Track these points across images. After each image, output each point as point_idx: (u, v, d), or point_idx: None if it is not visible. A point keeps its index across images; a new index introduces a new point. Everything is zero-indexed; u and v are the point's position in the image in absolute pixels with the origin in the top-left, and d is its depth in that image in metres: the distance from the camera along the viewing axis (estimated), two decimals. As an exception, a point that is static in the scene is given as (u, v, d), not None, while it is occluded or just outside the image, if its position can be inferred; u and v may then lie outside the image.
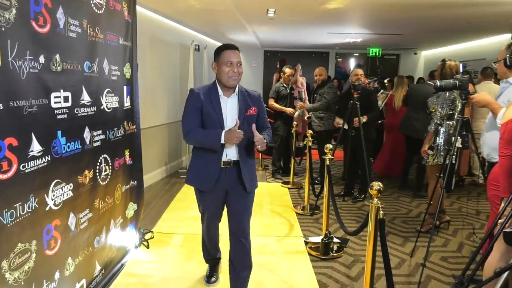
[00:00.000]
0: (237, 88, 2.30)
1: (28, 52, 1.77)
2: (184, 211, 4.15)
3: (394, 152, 5.53)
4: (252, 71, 10.69)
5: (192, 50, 6.10)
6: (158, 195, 4.79)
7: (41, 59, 1.86)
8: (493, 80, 5.15)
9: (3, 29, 1.60)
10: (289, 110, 5.49)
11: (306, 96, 6.30)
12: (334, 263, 3.05)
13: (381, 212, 1.88)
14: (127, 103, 2.98)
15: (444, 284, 2.74)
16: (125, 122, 2.96)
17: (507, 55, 2.38)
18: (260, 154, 6.54)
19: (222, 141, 2.15)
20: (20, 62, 1.71)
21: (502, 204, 1.88)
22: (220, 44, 2.38)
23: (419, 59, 11.22)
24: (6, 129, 1.60)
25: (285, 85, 5.68)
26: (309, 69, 8.72)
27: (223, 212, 2.47)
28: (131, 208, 3.14)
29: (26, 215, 1.71)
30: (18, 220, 1.66)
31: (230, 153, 2.28)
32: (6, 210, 1.60)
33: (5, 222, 1.59)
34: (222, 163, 2.26)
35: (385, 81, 7.35)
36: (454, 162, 2.74)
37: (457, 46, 9.11)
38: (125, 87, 2.93)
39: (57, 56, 1.98)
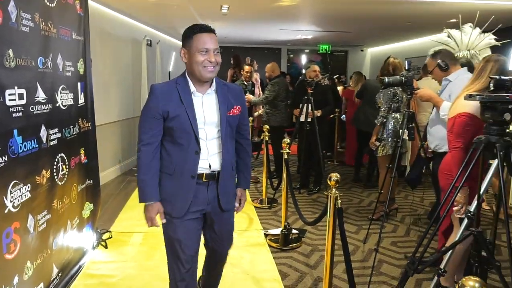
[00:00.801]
0: (214, 82, 1.81)
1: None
2: (141, 210, 4.07)
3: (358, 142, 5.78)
4: (205, 66, 10.64)
5: (145, 45, 5.98)
6: (113, 194, 4.68)
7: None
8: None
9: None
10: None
11: (260, 92, 6.40)
12: (293, 253, 3.17)
13: (339, 201, 2.01)
14: (81, 100, 2.90)
15: (395, 267, 2.95)
16: (80, 119, 2.87)
17: (439, 61, 2.64)
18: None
19: (144, 202, 1.80)
20: None
21: (459, 194, 2.07)
22: (173, 39, 2.04)
23: (365, 55, 11.74)
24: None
25: (245, 83, 5.76)
26: (262, 64, 8.82)
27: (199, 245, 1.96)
28: (88, 208, 3.06)
29: (-17, 219, 1.64)
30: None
31: (214, 163, 1.81)
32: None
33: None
34: (203, 177, 1.80)
35: (335, 77, 7.67)
36: (403, 152, 2.95)
37: (401, 44, 9.65)
38: (79, 84, 2.85)
39: (10, 52, 1.90)
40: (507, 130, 1.66)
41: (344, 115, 6.41)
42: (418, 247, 1.91)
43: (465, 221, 1.86)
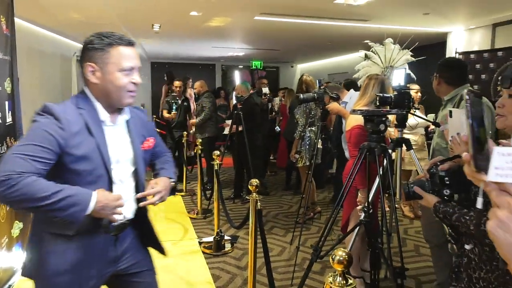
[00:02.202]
0: (126, 109, 1.42)
1: None
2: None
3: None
4: (139, 82, 10.59)
5: (75, 62, 5.93)
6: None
7: None
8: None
9: None
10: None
11: (194, 106, 6.61)
12: (226, 257, 3.39)
13: (259, 203, 2.27)
14: (9, 119, 2.91)
15: (318, 263, 3.25)
16: (8, 138, 2.88)
17: (330, 94, 3.11)
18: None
19: (90, 210, 1.20)
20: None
21: (360, 194, 2.43)
22: None
23: (295, 71, 12.44)
24: None
25: (177, 98, 5.94)
26: (196, 80, 9.03)
27: None
28: (17, 227, 3.04)
29: None
30: None
31: (127, 211, 1.41)
32: None
33: None
34: (114, 230, 1.39)
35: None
36: (319, 161, 3.33)
37: (326, 61, 10.43)
38: (6, 102, 2.86)
39: None
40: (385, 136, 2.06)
41: (278, 127, 6.82)
42: (321, 238, 2.24)
43: (362, 215, 2.22)
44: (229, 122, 5.74)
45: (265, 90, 5.06)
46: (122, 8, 4.59)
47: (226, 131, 5.82)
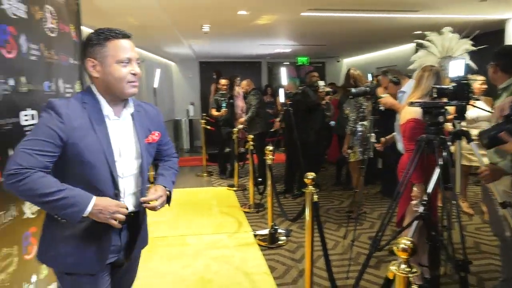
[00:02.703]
0: (130, 102, 1.47)
1: (0, 76, 1.96)
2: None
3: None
4: (188, 81, 10.93)
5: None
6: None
7: (11, 81, 2.06)
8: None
9: (-20, 57, 1.79)
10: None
11: (243, 104, 6.74)
12: (280, 250, 3.47)
13: (315, 196, 2.32)
14: (79, 119, 3.16)
15: (372, 258, 3.27)
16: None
17: (391, 77, 3.03)
18: (204, 160, 6.86)
19: (87, 212, 1.27)
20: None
21: (415, 189, 2.40)
22: (157, 57, 1.43)
23: (342, 66, 12.24)
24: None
25: (226, 96, 6.12)
26: (243, 78, 9.18)
27: None
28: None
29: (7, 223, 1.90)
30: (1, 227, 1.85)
31: (130, 204, 1.46)
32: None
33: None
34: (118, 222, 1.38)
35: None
36: (372, 156, 3.30)
37: (373, 54, 10.18)
38: (77, 104, 3.11)
39: (23, 78, 2.18)
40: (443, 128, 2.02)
41: (333, 122, 6.76)
42: (379, 230, 2.24)
43: (420, 208, 2.20)
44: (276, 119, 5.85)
45: (321, 83, 4.91)
46: (174, 11, 4.78)
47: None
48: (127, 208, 1.38)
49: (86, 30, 4.81)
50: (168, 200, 1.55)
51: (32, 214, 2.10)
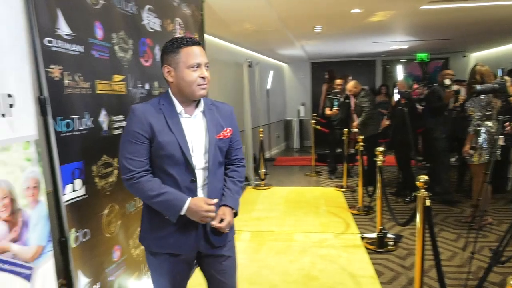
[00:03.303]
0: (201, 102, 1.61)
1: (139, 82, 2.32)
2: (248, 213, 4.62)
3: None
4: (300, 82, 11.09)
5: (246, 67, 6.64)
6: (222, 200, 5.30)
7: (146, 86, 2.41)
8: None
9: (126, 66, 2.15)
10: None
11: (352, 104, 6.61)
12: (389, 255, 3.34)
13: (427, 200, 2.20)
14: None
15: (494, 273, 2.94)
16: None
17: None
18: (314, 160, 6.91)
19: (183, 212, 1.50)
20: (135, 90, 2.26)
21: None
22: (270, 59, 1.56)
23: (468, 61, 11.04)
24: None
25: (339, 95, 6.07)
26: (356, 77, 8.96)
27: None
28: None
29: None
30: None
31: (202, 191, 1.61)
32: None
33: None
34: None
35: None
36: (499, 159, 2.96)
37: (508, 47, 8.95)
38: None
39: (156, 83, 2.53)
40: None
41: None
42: (502, 240, 2.01)
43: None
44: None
45: (447, 81, 4.48)
46: (287, 15, 4.93)
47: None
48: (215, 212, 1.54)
49: (208, 38, 5.31)
50: (234, 215, 1.66)
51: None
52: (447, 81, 4.46)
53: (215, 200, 1.56)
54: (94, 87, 1.90)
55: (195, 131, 1.58)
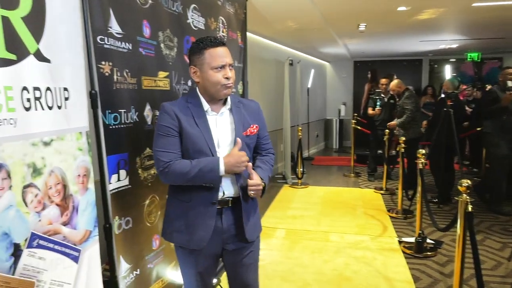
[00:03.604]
0: (228, 100, 1.66)
1: (182, 78, 2.40)
2: (283, 211, 4.65)
3: None
4: (342, 81, 10.93)
5: (287, 65, 6.64)
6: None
7: (189, 82, 2.50)
8: None
9: (170, 63, 2.24)
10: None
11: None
12: (427, 261, 3.24)
13: (469, 206, 2.12)
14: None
15: (543, 287, 2.79)
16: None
17: None
18: (353, 160, 6.81)
19: (222, 172, 1.53)
20: (178, 86, 2.34)
21: None
22: (312, 57, 1.56)
23: (526, 61, 10.39)
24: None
25: (383, 95, 5.94)
26: (400, 77, 8.68)
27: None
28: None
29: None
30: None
31: (228, 188, 1.63)
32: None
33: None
34: (218, 204, 1.61)
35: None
36: None
37: None
38: (239, 102, 3.53)
39: (199, 80, 2.61)
40: None
41: None
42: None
43: None
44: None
45: (510, 83, 4.18)
46: (330, 13, 4.89)
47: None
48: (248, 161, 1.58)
49: (249, 36, 5.37)
50: (263, 192, 1.64)
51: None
52: (510, 83, 4.18)
53: (238, 142, 1.59)
54: (140, 82, 2.00)
55: (221, 128, 1.63)
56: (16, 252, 1.28)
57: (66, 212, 1.52)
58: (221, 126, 1.64)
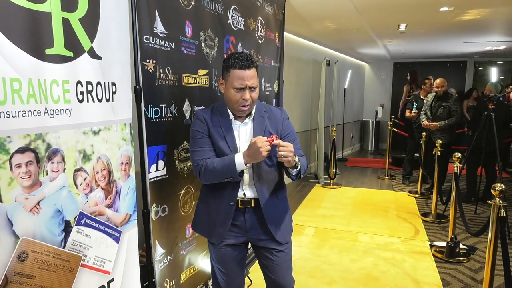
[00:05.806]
0: (253, 112, 1.77)
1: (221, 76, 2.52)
2: (314, 209, 4.69)
3: None
4: (380, 82, 10.74)
5: (324, 66, 6.64)
6: (290, 195, 5.42)
7: (226, 80, 2.61)
8: None
9: (210, 62, 2.36)
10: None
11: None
12: (459, 266, 3.19)
13: (502, 210, 2.09)
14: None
15: None
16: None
17: None
18: (387, 163, 6.70)
19: (243, 164, 1.63)
20: (216, 84, 2.46)
21: None
22: (349, 58, 1.62)
23: None
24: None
25: (422, 97, 5.82)
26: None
27: (244, 276, 2.00)
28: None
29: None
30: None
31: (248, 189, 1.77)
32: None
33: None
34: (239, 203, 1.76)
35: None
36: None
37: None
38: (274, 100, 3.61)
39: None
40: None
41: None
42: None
43: None
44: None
45: None
46: (370, 13, 4.85)
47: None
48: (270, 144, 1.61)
49: (287, 35, 5.44)
50: (297, 176, 1.73)
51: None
52: None
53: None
54: (181, 79, 2.13)
55: (242, 136, 1.77)
56: (67, 228, 1.44)
57: (110, 195, 1.67)
58: (242, 134, 1.77)
